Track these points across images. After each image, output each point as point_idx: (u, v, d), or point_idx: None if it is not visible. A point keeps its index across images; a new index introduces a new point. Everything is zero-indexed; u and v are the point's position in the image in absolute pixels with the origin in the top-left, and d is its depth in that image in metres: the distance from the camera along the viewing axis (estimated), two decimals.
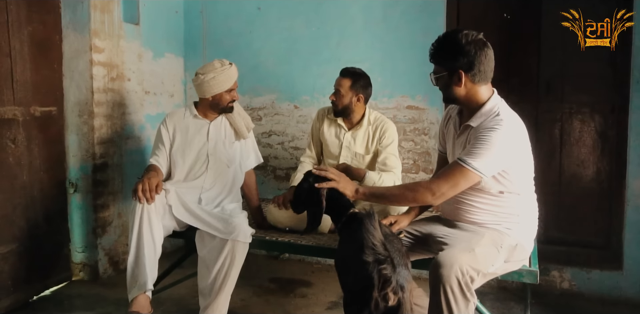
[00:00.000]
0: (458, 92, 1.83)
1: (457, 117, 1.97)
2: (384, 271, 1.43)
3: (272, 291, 2.89)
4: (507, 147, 1.73)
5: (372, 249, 1.45)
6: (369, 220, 1.49)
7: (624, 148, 2.73)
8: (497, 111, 1.80)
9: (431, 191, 1.73)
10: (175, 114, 2.57)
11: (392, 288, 1.43)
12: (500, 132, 1.72)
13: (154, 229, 2.21)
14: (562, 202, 2.91)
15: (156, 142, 2.55)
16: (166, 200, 2.29)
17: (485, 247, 1.69)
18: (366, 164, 2.67)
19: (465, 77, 1.79)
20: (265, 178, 3.48)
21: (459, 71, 1.78)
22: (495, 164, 1.72)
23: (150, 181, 2.21)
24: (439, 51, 1.83)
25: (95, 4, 2.84)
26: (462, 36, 1.77)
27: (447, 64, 1.80)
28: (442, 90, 1.88)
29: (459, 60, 1.77)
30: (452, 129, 1.99)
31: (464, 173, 1.70)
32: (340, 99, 2.58)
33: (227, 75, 2.43)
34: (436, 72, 1.86)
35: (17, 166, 2.60)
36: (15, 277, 2.58)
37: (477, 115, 1.82)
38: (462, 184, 1.72)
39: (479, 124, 1.79)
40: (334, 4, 3.23)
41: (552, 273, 2.86)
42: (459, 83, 1.80)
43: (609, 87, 2.78)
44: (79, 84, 2.88)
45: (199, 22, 3.59)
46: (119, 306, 2.62)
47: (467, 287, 1.57)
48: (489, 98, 1.84)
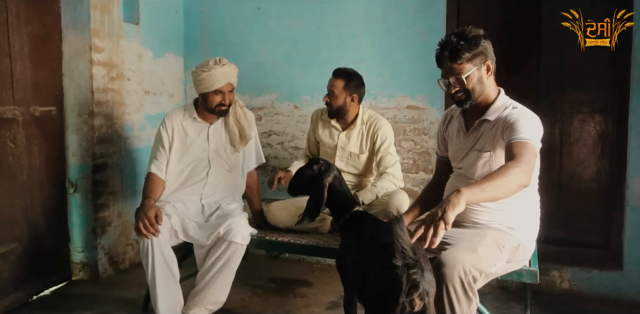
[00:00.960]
0: (487, 86, 1.85)
1: (462, 117, 1.96)
2: (414, 276, 1.39)
3: (272, 290, 2.89)
4: (538, 129, 1.77)
5: (402, 253, 1.42)
6: (398, 224, 1.46)
7: (623, 148, 2.73)
8: (511, 104, 1.86)
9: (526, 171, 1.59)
10: (175, 115, 2.49)
11: (419, 293, 1.40)
12: (527, 112, 1.79)
13: (166, 256, 2.20)
14: (562, 202, 2.91)
15: (156, 144, 2.48)
16: (171, 225, 2.27)
17: (487, 247, 1.69)
18: (362, 164, 2.68)
19: (492, 67, 1.84)
20: (265, 178, 3.48)
21: (489, 61, 1.82)
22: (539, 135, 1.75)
23: (148, 216, 2.16)
24: (465, 48, 1.77)
25: (95, 4, 2.84)
26: (476, 30, 1.80)
27: (476, 59, 1.80)
28: (471, 89, 1.82)
29: (487, 52, 1.81)
30: (456, 129, 1.98)
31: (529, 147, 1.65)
32: (335, 100, 2.58)
33: (214, 75, 2.31)
34: (465, 70, 1.79)
35: (17, 165, 2.60)
36: (14, 277, 2.58)
37: (490, 110, 1.84)
38: (534, 160, 1.65)
39: (497, 117, 1.81)
40: (334, 4, 3.23)
41: (552, 272, 2.86)
42: (489, 75, 1.84)
43: (609, 87, 2.78)
44: (79, 83, 2.88)
45: (198, 22, 3.59)
46: (119, 306, 2.62)
47: (470, 287, 1.56)
48: (499, 94, 1.89)
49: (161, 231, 2.18)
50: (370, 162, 2.68)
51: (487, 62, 1.82)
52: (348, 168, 2.67)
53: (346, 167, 2.67)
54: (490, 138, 1.83)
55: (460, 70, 1.80)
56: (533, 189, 1.89)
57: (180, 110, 2.52)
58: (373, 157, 2.66)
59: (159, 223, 2.17)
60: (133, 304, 2.64)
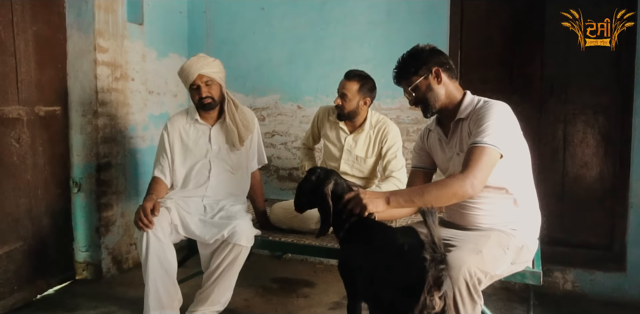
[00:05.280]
0: (440, 93, 1.88)
1: (438, 128, 1.99)
2: (443, 272, 1.37)
3: (275, 291, 2.89)
4: (508, 119, 1.77)
5: (433, 246, 1.38)
6: (431, 216, 1.44)
7: (627, 149, 2.72)
8: (479, 99, 1.87)
9: (469, 181, 1.65)
10: (177, 119, 2.49)
11: (441, 293, 1.37)
12: (495, 107, 1.77)
13: (165, 248, 2.21)
14: (566, 203, 2.91)
15: (159, 150, 2.49)
16: (171, 219, 2.28)
17: (492, 248, 1.69)
18: (368, 168, 2.66)
19: (443, 73, 1.85)
20: (268, 178, 3.49)
21: (435, 69, 1.85)
22: (506, 137, 1.74)
23: (144, 207, 2.18)
24: (407, 63, 1.90)
25: (99, 4, 2.85)
26: (419, 46, 1.92)
27: (420, 70, 1.87)
28: (424, 98, 1.89)
29: (430, 61, 1.86)
30: (437, 140, 1.99)
31: (485, 152, 1.68)
32: (347, 103, 2.53)
33: (184, 70, 2.32)
34: (412, 82, 1.88)
35: (22, 165, 2.61)
36: (19, 276, 2.59)
37: (461, 109, 1.86)
38: (489, 165, 1.68)
39: (469, 113, 1.83)
40: (338, 4, 3.24)
41: (555, 274, 2.85)
42: (439, 80, 1.86)
43: (613, 88, 2.77)
44: (83, 83, 2.89)
45: (202, 22, 3.60)
46: (122, 305, 2.63)
47: (475, 289, 1.56)
48: (464, 94, 1.91)
49: (160, 225, 2.20)
50: (376, 166, 2.68)
51: (433, 70, 1.85)
52: (353, 171, 2.67)
53: (351, 170, 2.67)
54: (466, 137, 1.83)
55: (408, 84, 1.90)
56: (531, 189, 1.90)
57: (182, 113, 2.52)
58: (379, 161, 2.65)
59: (155, 215, 2.18)
60: (136, 303, 2.64)
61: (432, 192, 1.69)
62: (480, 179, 1.67)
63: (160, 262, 2.21)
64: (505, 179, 1.80)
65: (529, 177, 1.89)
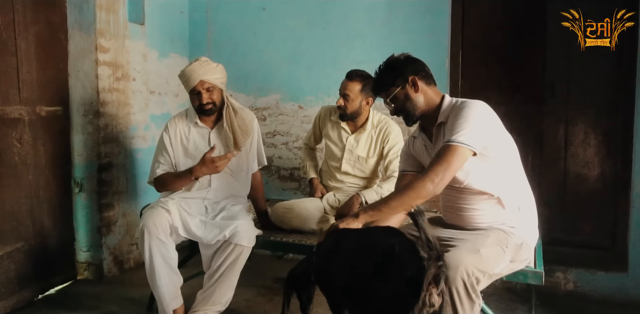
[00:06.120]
0: (419, 101, 1.89)
1: (423, 134, 2.00)
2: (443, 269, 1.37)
3: (276, 291, 2.88)
4: (483, 117, 1.77)
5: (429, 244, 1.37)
6: (421, 216, 1.44)
7: (629, 149, 2.72)
8: (457, 100, 1.88)
9: (429, 180, 1.69)
10: (177, 121, 2.46)
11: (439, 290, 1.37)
12: (471, 106, 1.78)
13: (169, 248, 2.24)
14: (567, 203, 2.91)
15: (159, 150, 2.45)
16: (172, 221, 2.27)
17: (490, 247, 1.69)
18: (369, 167, 2.66)
19: (419, 81, 1.87)
20: (270, 178, 3.49)
21: (411, 78, 1.86)
22: (479, 135, 1.73)
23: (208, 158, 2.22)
24: (383, 75, 1.92)
25: (100, 4, 2.85)
26: (394, 57, 1.93)
27: (397, 80, 1.88)
28: (403, 108, 1.91)
29: (405, 71, 1.87)
30: (423, 146, 1.99)
31: (453, 151, 1.69)
32: (350, 104, 2.51)
33: (185, 74, 2.29)
34: (390, 93, 1.90)
35: (23, 165, 2.61)
36: (20, 275, 2.59)
37: (440, 113, 1.87)
38: (455, 163, 1.70)
39: (448, 115, 1.84)
40: (339, 5, 3.24)
41: (557, 274, 2.85)
42: (417, 89, 1.88)
43: (614, 88, 2.77)
44: (85, 83, 2.89)
45: (203, 23, 3.60)
46: (123, 305, 2.63)
47: (473, 288, 1.56)
48: (443, 97, 1.92)
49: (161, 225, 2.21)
50: (377, 166, 2.67)
51: (409, 79, 1.87)
52: (354, 171, 2.67)
53: (353, 170, 2.67)
54: None
55: (387, 95, 1.92)
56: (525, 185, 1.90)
57: (182, 115, 2.50)
58: (380, 161, 2.65)
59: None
60: (138, 303, 2.65)
61: (395, 198, 1.74)
62: (441, 176, 1.69)
63: (164, 260, 2.23)
64: (491, 183, 1.80)
65: (519, 173, 1.89)
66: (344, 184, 2.70)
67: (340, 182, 2.71)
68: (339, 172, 2.70)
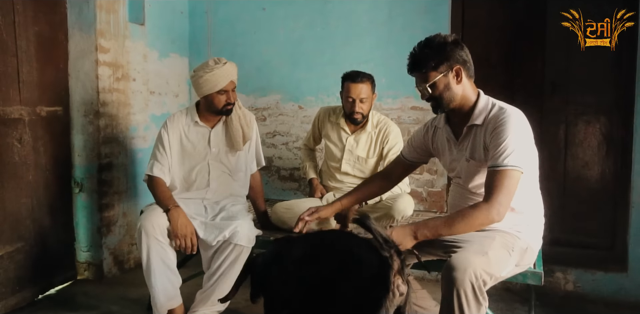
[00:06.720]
0: (457, 93, 1.78)
1: (448, 127, 1.91)
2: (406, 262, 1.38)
3: None
4: (525, 133, 1.72)
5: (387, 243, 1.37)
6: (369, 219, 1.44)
7: (629, 149, 2.72)
8: (494, 103, 1.79)
9: (496, 212, 1.62)
10: (177, 119, 2.46)
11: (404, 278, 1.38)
12: (512, 121, 1.69)
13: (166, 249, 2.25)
14: (567, 203, 2.91)
15: (157, 146, 2.44)
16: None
17: (497, 250, 1.67)
18: (369, 168, 2.66)
19: (463, 72, 1.76)
20: (270, 178, 3.49)
21: (456, 67, 1.75)
22: (526, 155, 1.70)
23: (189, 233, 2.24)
24: (427, 56, 1.76)
25: (101, 4, 2.85)
26: (443, 37, 1.76)
27: (441, 66, 1.75)
28: (439, 96, 1.78)
29: (452, 57, 1.74)
30: (445, 140, 1.93)
31: (508, 176, 1.64)
32: (368, 106, 2.54)
33: (217, 75, 2.30)
34: (429, 78, 1.76)
35: (23, 165, 2.61)
36: (20, 275, 2.60)
37: (475, 113, 1.79)
38: (513, 188, 1.65)
39: (485, 120, 1.76)
40: (339, 5, 3.23)
41: (556, 274, 2.85)
42: (459, 80, 1.77)
43: (614, 88, 2.77)
44: (85, 84, 2.89)
45: (203, 23, 3.60)
46: (123, 305, 2.63)
47: (480, 291, 1.55)
48: (479, 95, 1.83)
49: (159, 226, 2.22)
50: (377, 167, 2.67)
51: (454, 68, 1.75)
52: (354, 172, 2.67)
53: (352, 170, 2.67)
54: (480, 145, 1.78)
55: (425, 79, 1.78)
56: (536, 193, 1.88)
57: (182, 114, 2.50)
58: (380, 162, 2.65)
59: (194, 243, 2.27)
60: (138, 303, 2.65)
61: (459, 225, 1.65)
62: (504, 205, 1.64)
63: (162, 260, 2.23)
64: None
65: (535, 183, 1.86)
66: (343, 184, 2.70)
67: (340, 182, 2.71)
68: (338, 173, 2.70)
